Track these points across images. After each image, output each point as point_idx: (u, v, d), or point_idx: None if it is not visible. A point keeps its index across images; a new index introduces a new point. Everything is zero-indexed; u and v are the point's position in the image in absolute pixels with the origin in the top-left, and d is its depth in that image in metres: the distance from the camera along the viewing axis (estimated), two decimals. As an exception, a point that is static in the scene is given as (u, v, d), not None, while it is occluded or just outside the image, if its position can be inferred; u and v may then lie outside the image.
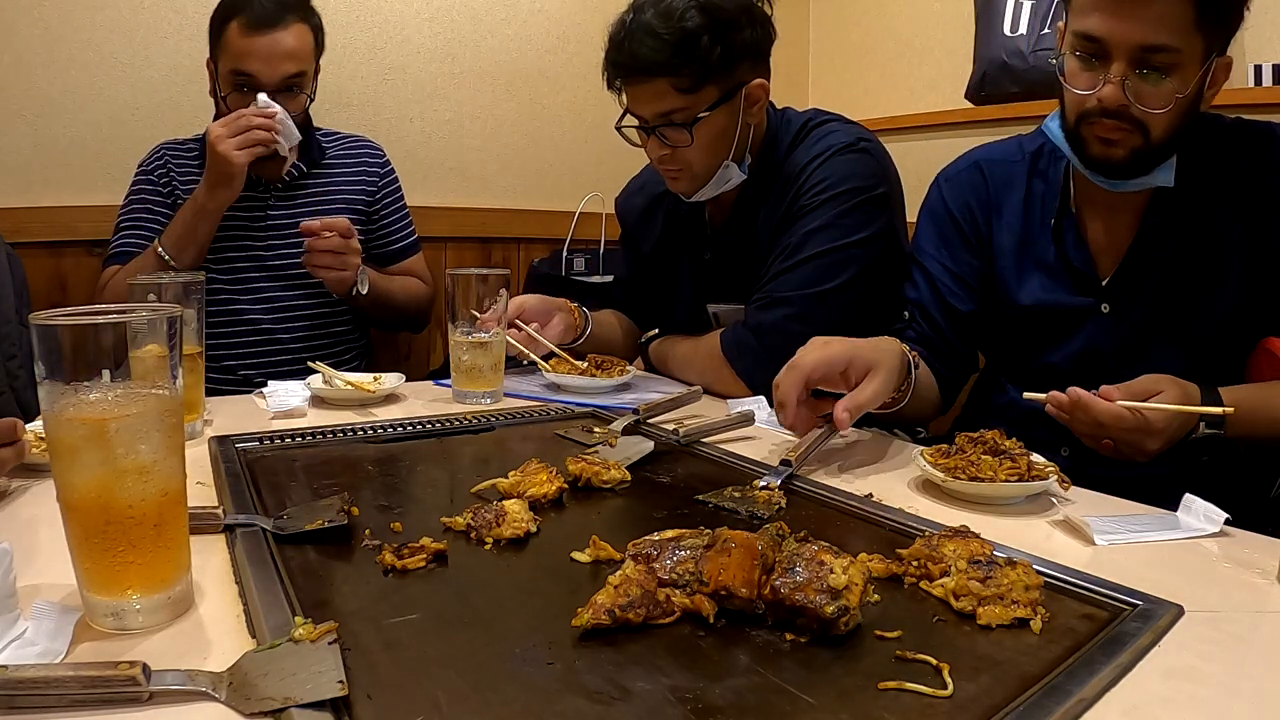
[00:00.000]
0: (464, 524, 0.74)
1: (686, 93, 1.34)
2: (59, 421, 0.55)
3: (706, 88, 1.35)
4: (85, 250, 1.91)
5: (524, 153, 2.49)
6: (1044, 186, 1.26)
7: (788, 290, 1.35)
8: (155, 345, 0.58)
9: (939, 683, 0.51)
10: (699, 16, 1.32)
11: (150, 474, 0.56)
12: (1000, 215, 1.29)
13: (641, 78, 1.35)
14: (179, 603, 0.59)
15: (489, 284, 1.29)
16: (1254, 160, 1.12)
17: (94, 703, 0.47)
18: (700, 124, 1.35)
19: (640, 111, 1.39)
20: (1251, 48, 1.86)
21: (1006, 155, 1.32)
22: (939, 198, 1.36)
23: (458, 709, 0.48)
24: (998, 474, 0.86)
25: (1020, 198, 1.27)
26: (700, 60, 1.32)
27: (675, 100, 1.35)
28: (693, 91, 1.34)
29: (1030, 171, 1.27)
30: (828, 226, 1.35)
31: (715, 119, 1.37)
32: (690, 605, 0.59)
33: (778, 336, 1.33)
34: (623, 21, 1.38)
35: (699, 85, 1.34)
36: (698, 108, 1.35)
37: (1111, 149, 1.08)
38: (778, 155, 1.46)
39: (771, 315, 1.35)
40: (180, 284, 1.06)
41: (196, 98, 2.00)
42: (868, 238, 1.36)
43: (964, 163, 1.36)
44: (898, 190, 1.46)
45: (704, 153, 1.39)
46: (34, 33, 1.84)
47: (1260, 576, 0.69)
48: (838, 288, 1.34)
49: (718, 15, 1.33)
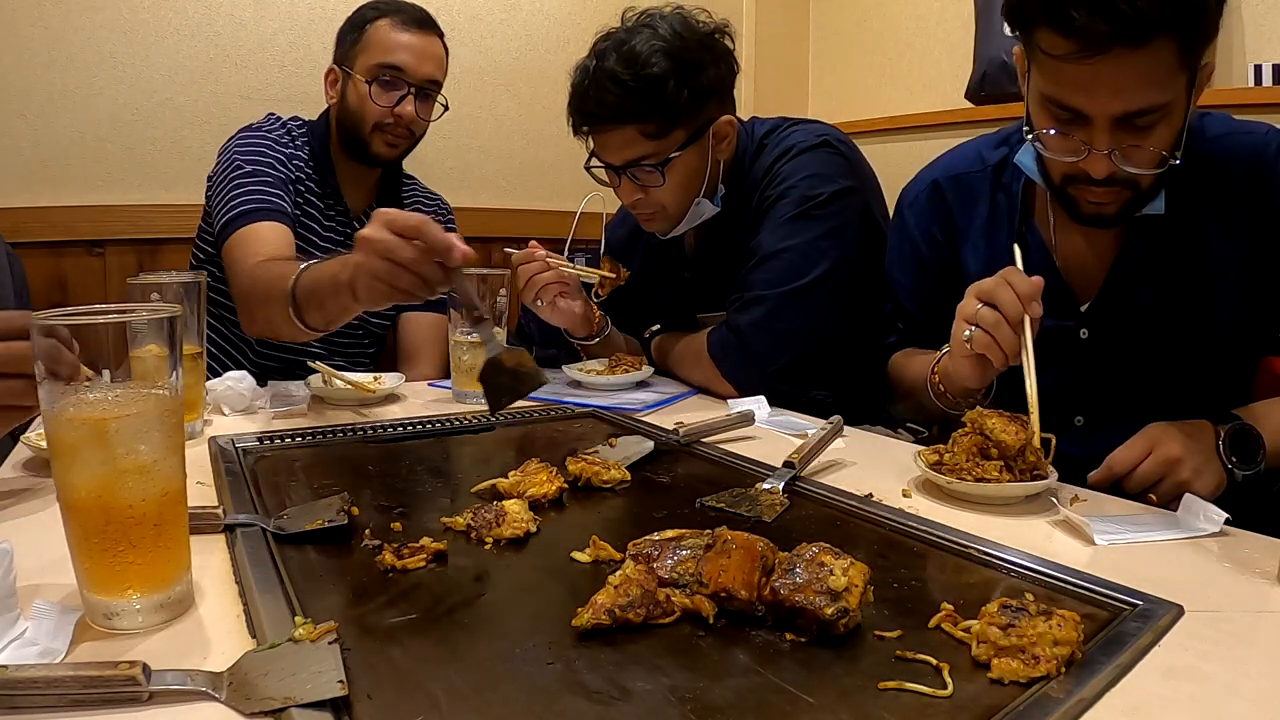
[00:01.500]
0: (464, 524, 0.74)
1: (654, 138, 1.33)
2: (59, 421, 0.55)
3: (674, 131, 1.34)
4: (85, 250, 1.91)
5: (524, 153, 2.49)
6: (1007, 201, 1.18)
7: (761, 289, 1.35)
8: (155, 345, 0.58)
9: (939, 683, 0.51)
10: (664, 61, 1.30)
11: (150, 474, 0.56)
12: (966, 237, 1.22)
13: (609, 126, 1.34)
14: (179, 603, 0.59)
15: (489, 284, 1.29)
16: (1248, 172, 1.05)
17: (94, 703, 0.47)
18: (671, 165, 1.35)
19: (609, 159, 1.39)
20: (1252, 48, 1.86)
21: (967, 167, 1.24)
22: (901, 225, 1.31)
23: (458, 709, 0.48)
24: (1001, 476, 0.86)
25: (984, 215, 1.20)
26: (667, 105, 1.30)
27: (644, 146, 1.34)
28: (660, 137, 1.33)
29: (994, 185, 1.19)
30: (795, 221, 1.35)
31: (686, 160, 1.36)
32: (690, 605, 0.59)
33: (757, 335, 1.33)
34: (585, 69, 1.36)
35: (667, 130, 1.33)
36: (666, 151, 1.34)
37: (1104, 208, 1.01)
38: (744, 168, 1.47)
39: (749, 315, 1.35)
40: (180, 284, 1.06)
41: (196, 98, 2.01)
42: (836, 229, 1.35)
43: (923, 183, 1.29)
44: (871, 184, 1.46)
45: (676, 193, 1.39)
46: (34, 33, 1.84)
47: (1260, 576, 0.69)
48: (812, 283, 1.33)
49: (682, 58, 1.31)
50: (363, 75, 1.57)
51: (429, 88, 1.62)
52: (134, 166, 1.95)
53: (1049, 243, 1.14)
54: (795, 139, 1.44)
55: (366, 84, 1.56)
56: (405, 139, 1.62)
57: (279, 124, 1.65)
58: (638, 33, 1.34)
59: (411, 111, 1.58)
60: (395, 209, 0.98)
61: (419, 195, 1.83)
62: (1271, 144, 1.06)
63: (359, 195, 1.70)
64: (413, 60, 1.58)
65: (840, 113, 2.66)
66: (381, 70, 1.57)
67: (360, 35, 1.59)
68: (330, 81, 1.65)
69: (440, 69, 1.64)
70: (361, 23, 1.60)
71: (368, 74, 1.57)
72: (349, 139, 1.62)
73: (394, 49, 1.57)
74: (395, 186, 1.75)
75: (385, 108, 1.57)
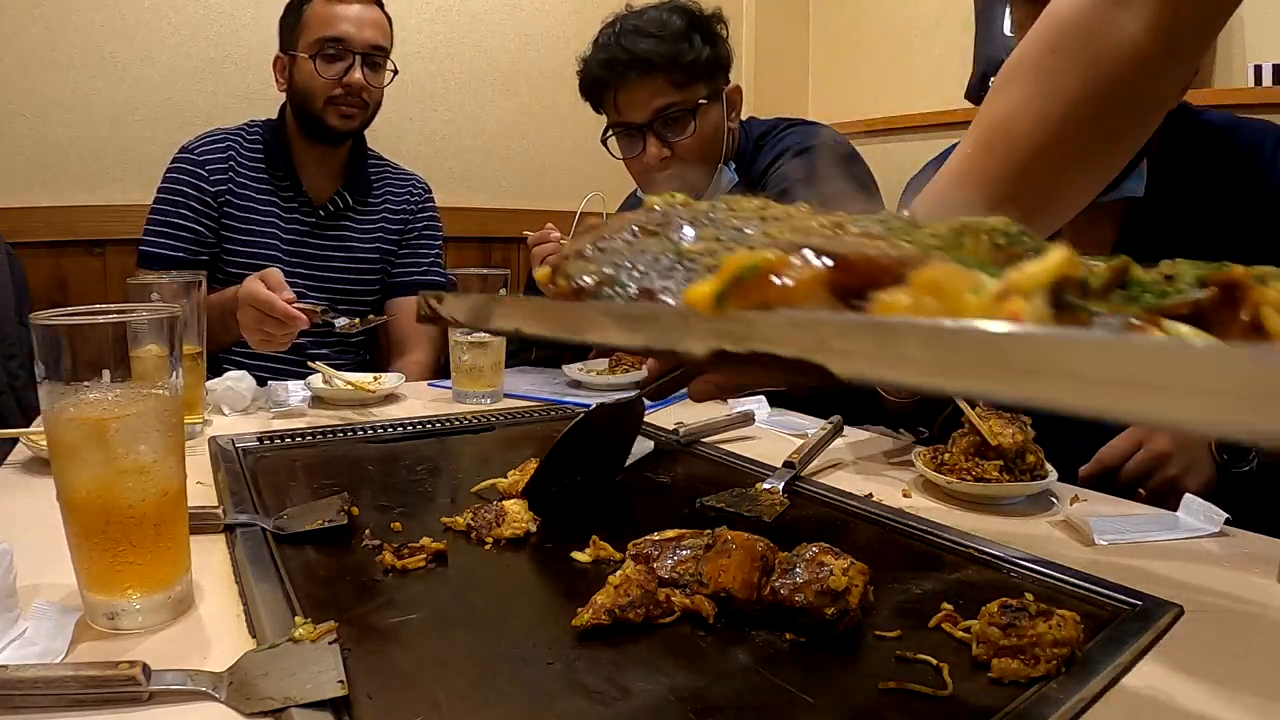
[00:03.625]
0: (464, 524, 0.74)
1: (681, 88, 1.38)
2: (59, 421, 0.55)
3: (697, 85, 1.40)
4: (85, 250, 1.92)
5: (524, 153, 2.49)
6: None
7: None
8: (155, 345, 0.58)
9: (939, 683, 0.51)
10: (682, 18, 1.40)
11: (150, 474, 0.56)
12: None
13: (638, 74, 1.38)
14: (179, 603, 0.59)
15: (489, 284, 1.29)
16: (1241, 162, 1.07)
17: (94, 703, 0.47)
18: (701, 112, 1.39)
19: (634, 115, 1.41)
20: (1252, 48, 1.86)
21: None
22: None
23: (458, 709, 0.48)
24: (1001, 476, 0.86)
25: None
26: (693, 55, 1.38)
27: (672, 95, 1.39)
28: (686, 87, 1.39)
29: None
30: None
31: (710, 114, 1.41)
32: (690, 605, 0.59)
33: None
34: (604, 33, 1.44)
35: (692, 81, 1.39)
36: (692, 102, 1.39)
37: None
38: (741, 168, 1.49)
39: None
40: (180, 284, 1.06)
41: (196, 98, 2.01)
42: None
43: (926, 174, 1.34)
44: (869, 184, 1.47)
45: (704, 148, 1.42)
46: (34, 33, 1.84)
47: (1260, 576, 0.69)
48: None
49: (698, 20, 1.41)
50: (306, 53, 1.59)
51: (374, 54, 1.63)
52: (134, 166, 1.95)
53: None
54: (792, 140, 1.45)
55: (310, 60, 1.58)
56: (359, 108, 1.64)
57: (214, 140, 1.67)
58: (647, 10, 1.43)
59: (360, 79, 1.60)
60: (266, 280, 1.25)
61: (391, 177, 1.83)
62: (1270, 139, 1.08)
63: (324, 181, 1.71)
64: (353, 29, 1.60)
65: (840, 113, 2.66)
66: (324, 44, 1.59)
67: (299, 16, 1.62)
68: (279, 70, 1.67)
69: (383, 34, 1.66)
70: (299, 4, 1.63)
71: (310, 50, 1.59)
72: (305, 119, 1.64)
73: (333, 21, 1.59)
74: (363, 168, 1.76)
75: (332, 80, 1.59)
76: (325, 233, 1.71)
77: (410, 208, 1.83)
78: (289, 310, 1.25)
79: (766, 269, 0.32)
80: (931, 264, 0.31)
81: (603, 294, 0.41)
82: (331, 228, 1.72)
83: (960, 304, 0.29)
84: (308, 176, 1.69)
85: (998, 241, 0.43)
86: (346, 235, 1.73)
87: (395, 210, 1.81)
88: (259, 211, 1.65)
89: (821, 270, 0.32)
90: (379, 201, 1.79)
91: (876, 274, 0.31)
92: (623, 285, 0.41)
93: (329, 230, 1.72)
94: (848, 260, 0.32)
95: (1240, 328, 0.35)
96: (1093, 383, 0.21)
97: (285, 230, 1.67)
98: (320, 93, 1.59)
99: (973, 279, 0.29)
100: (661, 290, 0.40)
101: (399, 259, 1.82)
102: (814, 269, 0.32)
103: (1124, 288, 0.38)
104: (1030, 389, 0.22)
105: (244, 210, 1.64)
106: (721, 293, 0.32)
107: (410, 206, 1.83)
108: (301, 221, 1.69)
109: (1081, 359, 0.21)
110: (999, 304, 0.28)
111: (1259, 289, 0.36)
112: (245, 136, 1.69)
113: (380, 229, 1.78)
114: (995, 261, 0.42)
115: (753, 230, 0.45)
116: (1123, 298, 0.38)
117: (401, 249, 1.82)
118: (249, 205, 1.65)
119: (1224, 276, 0.37)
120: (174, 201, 1.62)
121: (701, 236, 0.44)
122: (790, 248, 0.33)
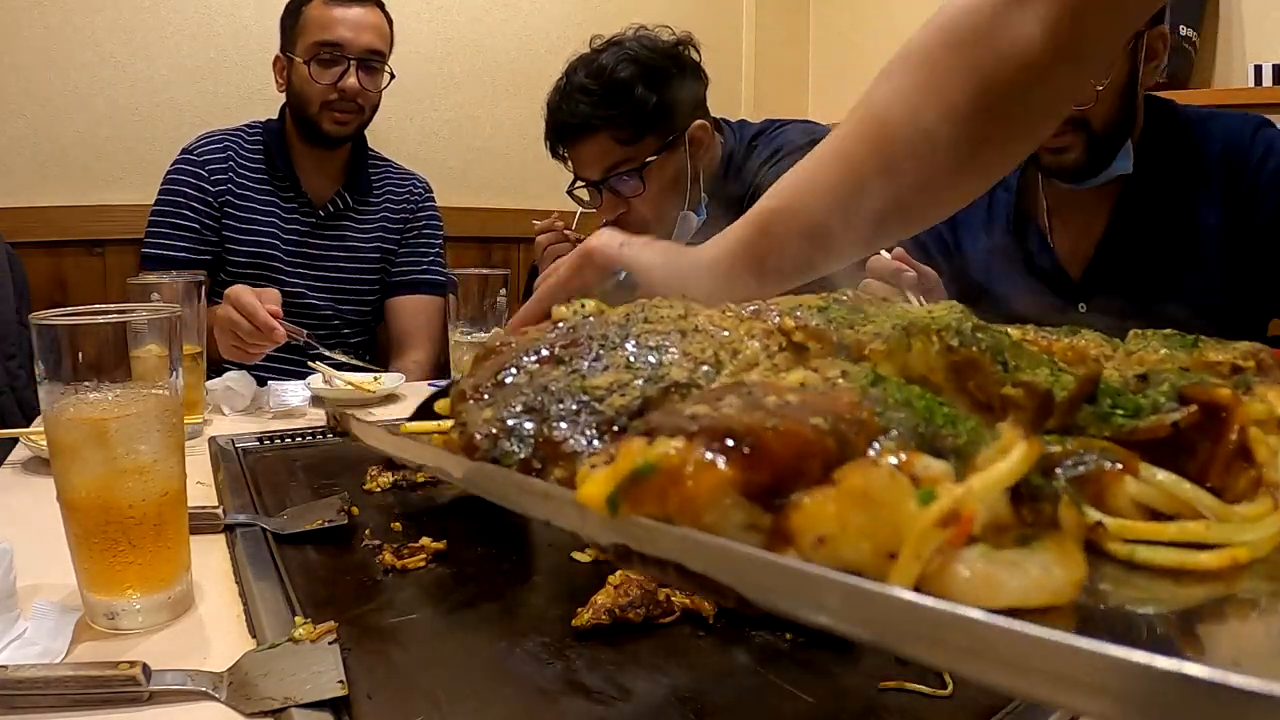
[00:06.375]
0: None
1: (628, 144, 1.36)
2: (59, 421, 0.55)
3: (646, 138, 1.37)
4: (85, 250, 1.92)
5: (524, 153, 2.48)
6: (1005, 193, 1.26)
7: None
8: (155, 345, 0.58)
9: (939, 682, 0.51)
10: (629, 67, 1.36)
11: (150, 474, 0.56)
12: (965, 225, 1.29)
13: (582, 136, 1.38)
14: (179, 603, 0.59)
15: (489, 284, 1.29)
16: (1227, 147, 1.13)
17: (94, 703, 0.47)
18: (649, 171, 1.37)
19: (587, 173, 1.41)
20: (1252, 48, 1.86)
21: None
22: None
23: (458, 709, 0.48)
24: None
25: (984, 206, 1.27)
26: (636, 109, 1.35)
27: (618, 153, 1.37)
28: (633, 143, 1.37)
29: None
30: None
31: (663, 166, 1.39)
32: (690, 605, 0.59)
33: None
34: (558, 87, 1.43)
35: (639, 135, 1.36)
36: (642, 157, 1.37)
37: (1063, 155, 1.10)
38: (734, 170, 1.47)
39: None
40: (180, 284, 1.06)
41: (196, 98, 2.01)
42: None
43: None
44: None
45: (658, 203, 1.40)
46: (34, 33, 1.84)
47: (1260, 576, 0.69)
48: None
49: (647, 64, 1.37)
50: (302, 56, 1.59)
51: (371, 59, 1.63)
52: (134, 166, 1.95)
53: (1044, 228, 1.22)
54: (784, 139, 1.44)
55: (306, 64, 1.58)
56: (354, 113, 1.64)
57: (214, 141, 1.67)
58: (604, 51, 1.40)
59: (355, 85, 1.60)
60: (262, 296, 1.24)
61: (391, 177, 1.83)
62: (1249, 127, 1.14)
63: (324, 182, 1.71)
64: (349, 33, 1.59)
65: (840, 113, 2.63)
66: (320, 48, 1.58)
67: (298, 18, 1.61)
68: (278, 70, 1.67)
69: (381, 38, 1.65)
70: (298, 6, 1.62)
71: (307, 54, 1.59)
72: (301, 122, 1.64)
73: (330, 25, 1.58)
74: (363, 168, 1.76)
75: (328, 85, 1.58)
76: (326, 233, 1.71)
77: (410, 206, 1.83)
78: (269, 320, 1.22)
79: (665, 468, 0.27)
80: (860, 467, 0.27)
81: (498, 449, 0.36)
82: (332, 228, 1.72)
83: (898, 515, 0.26)
84: (307, 177, 1.69)
85: (950, 343, 0.39)
86: (347, 235, 1.74)
87: (395, 209, 1.81)
88: (259, 212, 1.65)
89: (728, 474, 0.27)
90: (379, 201, 1.79)
91: (796, 468, 0.27)
92: (521, 438, 0.36)
93: (329, 230, 1.72)
94: (761, 454, 0.27)
95: (1225, 455, 0.33)
96: (1020, 671, 0.20)
97: (285, 231, 1.67)
98: (315, 97, 1.59)
99: (905, 486, 0.27)
100: (564, 441, 0.35)
101: (399, 257, 1.82)
102: (719, 473, 0.27)
103: (1092, 401, 0.36)
104: (960, 665, 0.21)
105: (244, 211, 1.64)
106: (613, 496, 0.28)
107: (410, 205, 1.83)
108: (302, 222, 1.69)
109: (1014, 650, 0.20)
110: (945, 526, 0.25)
111: (1244, 406, 0.34)
112: (245, 137, 1.69)
113: (380, 228, 1.78)
114: (947, 371, 0.39)
115: (671, 355, 0.40)
116: (1093, 416, 0.35)
117: (402, 248, 1.82)
118: (249, 206, 1.65)
119: (1206, 395, 0.34)
120: (175, 203, 1.62)
121: (611, 363, 0.40)
122: (696, 430, 0.28)
